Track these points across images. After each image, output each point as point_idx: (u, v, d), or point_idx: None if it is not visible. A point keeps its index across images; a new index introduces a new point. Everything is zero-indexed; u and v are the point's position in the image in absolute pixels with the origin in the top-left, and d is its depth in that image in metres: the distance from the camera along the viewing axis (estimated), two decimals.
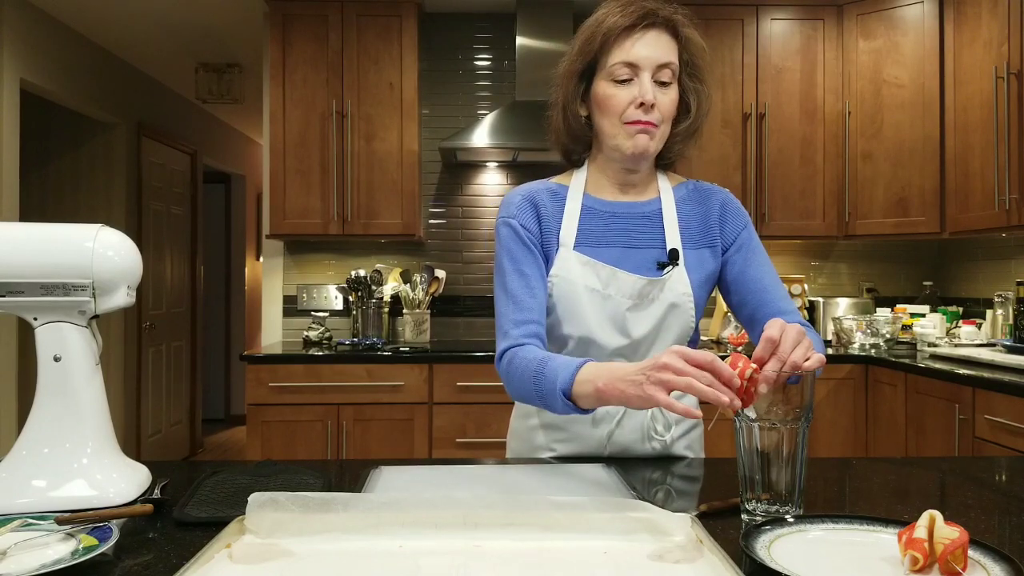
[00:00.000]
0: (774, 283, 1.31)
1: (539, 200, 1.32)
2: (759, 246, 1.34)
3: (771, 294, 1.29)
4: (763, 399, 0.90)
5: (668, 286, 1.27)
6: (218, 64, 4.86)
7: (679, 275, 1.28)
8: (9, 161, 3.59)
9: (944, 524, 0.74)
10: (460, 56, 3.90)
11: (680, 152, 1.35)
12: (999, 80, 2.85)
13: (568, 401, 1.10)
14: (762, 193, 3.52)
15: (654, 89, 1.23)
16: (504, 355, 1.23)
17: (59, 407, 1.00)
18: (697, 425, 1.39)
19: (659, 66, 1.23)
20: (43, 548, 0.81)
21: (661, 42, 1.24)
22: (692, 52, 1.28)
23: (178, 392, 5.51)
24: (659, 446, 1.31)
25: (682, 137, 1.32)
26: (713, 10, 3.54)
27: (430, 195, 3.87)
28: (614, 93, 1.24)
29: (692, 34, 1.28)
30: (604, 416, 1.30)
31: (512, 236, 1.29)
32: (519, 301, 1.25)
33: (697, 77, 1.30)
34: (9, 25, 3.58)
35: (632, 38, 1.23)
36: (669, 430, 1.32)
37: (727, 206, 1.34)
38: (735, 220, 1.33)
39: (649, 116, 1.23)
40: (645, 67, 1.22)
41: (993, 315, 3.19)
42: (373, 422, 3.15)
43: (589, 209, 1.32)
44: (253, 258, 7.17)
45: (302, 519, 0.84)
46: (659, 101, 1.23)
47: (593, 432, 1.31)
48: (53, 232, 1.01)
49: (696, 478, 1.21)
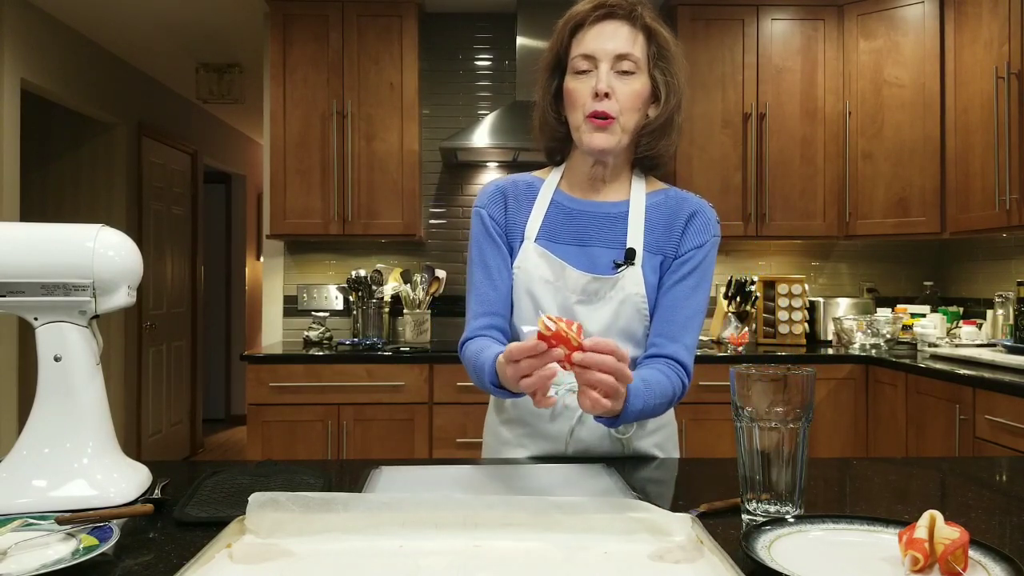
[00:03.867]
0: (689, 310, 1.26)
1: (511, 192, 1.35)
2: (703, 270, 1.28)
3: (677, 317, 1.25)
4: (763, 398, 0.89)
5: (620, 285, 1.26)
6: (218, 64, 4.86)
7: (633, 275, 1.26)
8: (9, 161, 3.60)
9: (944, 524, 0.74)
10: (460, 56, 3.90)
11: (652, 146, 1.29)
12: (999, 80, 2.85)
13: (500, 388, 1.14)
14: (762, 193, 3.52)
15: (613, 79, 1.22)
16: (462, 347, 1.31)
17: (60, 407, 1.00)
18: (666, 425, 1.37)
19: (617, 56, 1.22)
20: (43, 548, 0.81)
21: (620, 33, 1.23)
22: (659, 43, 1.26)
23: (178, 392, 5.51)
24: (619, 445, 1.30)
25: (652, 130, 1.28)
26: (713, 10, 3.54)
27: (430, 195, 3.87)
28: (575, 87, 1.25)
29: (657, 26, 1.26)
30: (563, 412, 1.29)
31: (480, 226, 1.34)
32: (480, 293, 1.31)
33: (667, 69, 1.27)
34: (9, 25, 3.58)
35: (591, 30, 1.24)
36: (630, 429, 1.30)
37: (694, 219, 1.30)
38: (696, 235, 1.29)
39: (603, 105, 1.21)
40: (602, 58, 1.22)
41: (993, 315, 3.19)
42: (373, 422, 3.15)
43: (557, 204, 1.33)
44: (253, 258, 7.17)
45: (302, 519, 0.84)
46: (618, 91, 1.22)
47: (551, 428, 1.30)
48: (53, 232, 1.01)
49: (690, 479, 1.21)
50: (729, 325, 3.46)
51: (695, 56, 3.53)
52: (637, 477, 1.15)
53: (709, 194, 3.50)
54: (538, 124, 1.35)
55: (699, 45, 3.54)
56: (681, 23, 3.54)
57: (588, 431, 1.29)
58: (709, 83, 3.54)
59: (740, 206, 3.54)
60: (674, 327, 1.25)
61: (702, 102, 3.54)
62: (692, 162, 3.52)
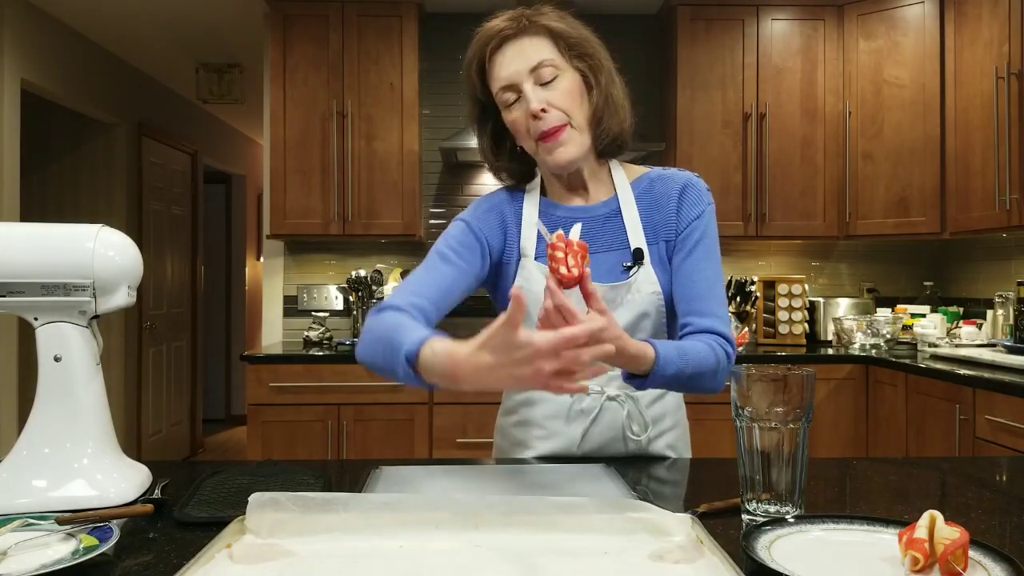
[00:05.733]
0: (707, 280, 1.22)
1: (507, 210, 1.32)
2: (709, 238, 1.25)
3: (698, 290, 1.21)
4: (763, 398, 0.89)
5: (636, 288, 1.23)
6: (219, 64, 4.86)
7: (646, 275, 1.24)
8: (9, 161, 3.60)
9: (944, 524, 0.74)
10: (461, 56, 3.86)
11: (608, 131, 1.25)
12: (999, 80, 2.85)
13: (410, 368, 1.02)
14: (762, 193, 3.52)
15: (541, 92, 1.19)
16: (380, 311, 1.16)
17: (60, 407, 1.00)
18: (677, 424, 1.35)
19: (531, 70, 1.19)
20: (44, 548, 0.81)
21: (523, 49, 1.20)
22: (562, 35, 1.22)
23: (178, 392, 5.52)
24: (635, 446, 1.28)
25: (600, 115, 1.24)
26: (713, 10, 3.54)
27: (430, 195, 3.87)
28: (514, 118, 1.23)
29: (549, 22, 1.22)
30: (578, 415, 1.28)
31: (461, 232, 1.28)
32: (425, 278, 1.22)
33: (583, 54, 1.23)
34: (9, 25, 3.58)
35: (496, 62, 1.23)
36: (646, 430, 1.28)
37: (686, 192, 1.26)
38: (692, 208, 1.26)
39: (545, 124, 1.19)
40: (521, 80, 1.20)
41: (993, 315, 3.19)
42: (373, 422, 3.15)
43: (547, 216, 1.30)
44: (253, 258, 7.17)
45: (302, 519, 0.84)
46: (550, 99, 1.19)
47: (566, 429, 1.28)
48: (54, 232, 1.01)
49: (690, 479, 1.21)
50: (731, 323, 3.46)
51: (695, 56, 3.54)
52: (638, 477, 1.15)
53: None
54: (494, 171, 1.35)
55: (699, 45, 3.54)
56: (681, 23, 3.54)
57: (602, 432, 1.28)
58: (709, 83, 3.54)
59: (740, 206, 3.54)
60: (700, 303, 1.21)
61: (702, 102, 3.54)
62: (692, 162, 3.52)
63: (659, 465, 1.25)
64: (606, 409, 1.27)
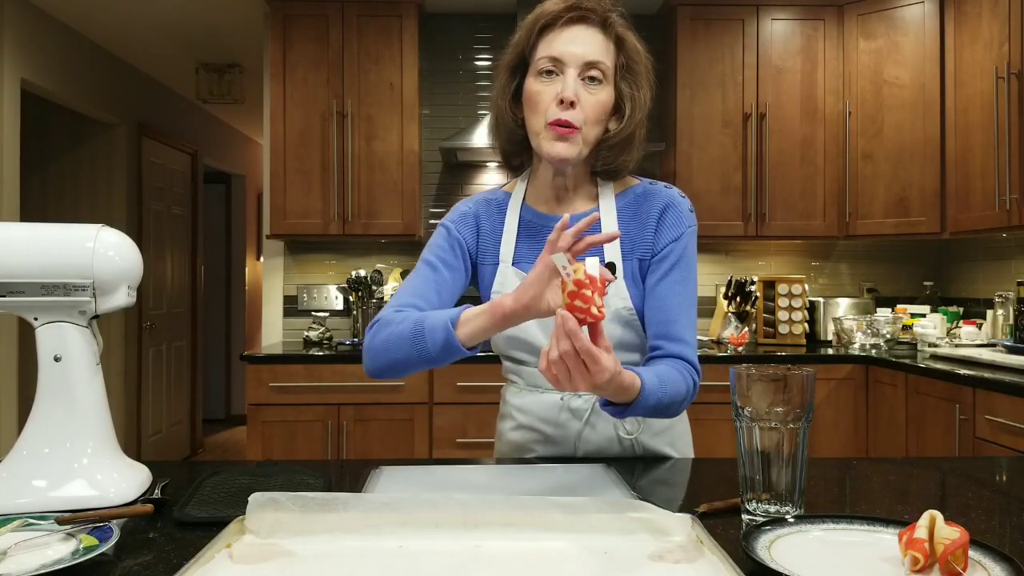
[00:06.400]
0: (681, 305, 1.21)
1: (484, 213, 1.32)
2: (685, 261, 1.24)
3: (671, 314, 1.20)
4: (763, 398, 0.89)
5: (606, 301, 1.21)
6: (218, 64, 4.86)
7: (617, 289, 1.22)
8: (9, 161, 3.60)
9: (945, 524, 0.74)
10: (460, 56, 3.90)
11: (612, 161, 1.24)
12: (999, 80, 2.85)
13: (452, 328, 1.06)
14: (762, 193, 3.52)
15: (580, 87, 1.17)
16: (381, 320, 1.18)
17: (59, 407, 1.00)
18: (677, 423, 1.34)
19: (586, 64, 1.17)
20: (43, 548, 0.81)
21: (591, 39, 1.18)
22: (628, 55, 1.22)
23: (178, 392, 5.51)
24: (630, 445, 1.28)
25: (613, 144, 1.23)
26: (713, 10, 3.54)
27: (430, 195, 3.87)
28: (539, 89, 1.19)
29: (628, 35, 1.22)
30: (569, 418, 1.28)
31: (444, 239, 1.30)
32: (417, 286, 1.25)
33: (634, 82, 1.22)
34: (9, 25, 3.58)
35: (561, 32, 1.19)
36: (637, 429, 1.28)
37: (667, 212, 1.25)
38: (670, 229, 1.24)
39: (568, 114, 1.16)
40: (570, 63, 1.17)
41: (993, 315, 3.19)
42: (373, 422, 3.15)
43: (527, 223, 1.29)
44: (253, 258, 7.17)
45: (302, 519, 0.84)
46: (583, 100, 1.17)
47: (562, 432, 1.28)
48: (53, 232, 1.01)
49: (690, 479, 1.21)
50: (729, 325, 3.46)
51: (695, 56, 3.54)
52: (640, 477, 1.15)
53: (709, 194, 3.52)
54: (494, 125, 1.30)
55: (699, 45, 3.54)
56: (681, 23, 3.54)
57: (596, 433, 1.28)
58: (709, 83, 3.54)
59: (740, 206, 3.54)
60: (671, 327, 1.21)
61: (702, 102, 3.54)
62: (692, 162, 3.52)
63: (659, 465, 1.25)
64: (597, 412, 1.27)
